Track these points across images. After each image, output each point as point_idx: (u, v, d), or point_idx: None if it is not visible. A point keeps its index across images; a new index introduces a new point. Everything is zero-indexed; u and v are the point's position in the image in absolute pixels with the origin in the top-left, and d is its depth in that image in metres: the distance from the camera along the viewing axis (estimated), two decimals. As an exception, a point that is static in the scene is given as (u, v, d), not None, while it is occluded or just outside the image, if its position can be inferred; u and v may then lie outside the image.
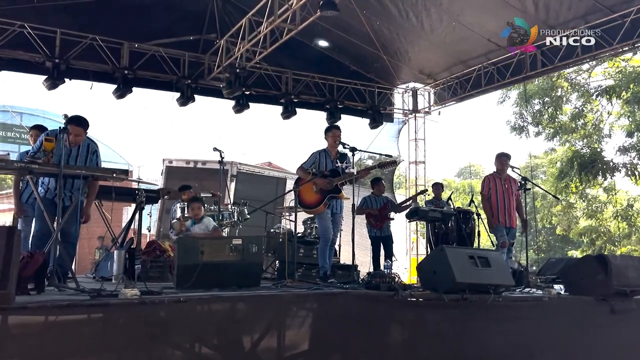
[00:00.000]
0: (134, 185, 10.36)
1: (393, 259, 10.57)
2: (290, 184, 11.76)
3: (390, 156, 5.87)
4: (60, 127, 4.64)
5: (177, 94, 10.00)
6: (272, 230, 8.15)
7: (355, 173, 5.72)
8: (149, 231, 7.91)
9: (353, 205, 5.71)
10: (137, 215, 6.40)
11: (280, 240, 7.57)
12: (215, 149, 6.75)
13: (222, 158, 6.82)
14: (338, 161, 5.91)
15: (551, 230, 26.18)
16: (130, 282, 3.83)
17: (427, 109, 12.50)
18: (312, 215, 7.02)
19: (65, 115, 4.73)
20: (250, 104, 10.47)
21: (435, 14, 9.49)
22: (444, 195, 8.93)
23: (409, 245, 13.15)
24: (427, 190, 8.89)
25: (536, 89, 17.25)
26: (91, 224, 8.17)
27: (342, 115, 11.47)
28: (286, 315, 4.20)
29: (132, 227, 6.85)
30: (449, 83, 11.70)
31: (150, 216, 7.52)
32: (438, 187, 9.05)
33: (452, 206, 8.17)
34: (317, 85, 11.29)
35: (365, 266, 8.31)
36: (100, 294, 3.79)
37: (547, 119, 17.73)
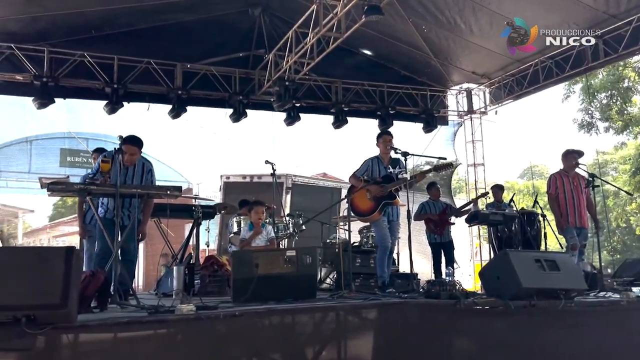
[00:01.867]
0: (192, 202, 10.60)
1: (455, 265, 10.28)
2: (345, 194, 11.68)
3: (445, 158, 5.67)
4: (115, 148, 4.76)
5: (230, 111, 10.15)
6: (328, 240, 8.07)
7: (408, 178, 5.56)
8: (208, 246, 8.02)
9: (408, 211, 5.55)
10: (194, 231, 6.58)
11: (337, 250, 7.47)
12: (267, 162, 6.77)
13: (274, 170, 6.84)
14: (391, 167, 5.78)
15: (627, 230, 24.71)
16: (187, 298, 3.83)
17: (482, 109, 12.11)
18: (368, 224, 6.91)
19: (120, 137, 4.86)
20: (302, 115, 10.51)
21: (483, 17, 9.19)
22: (506, 197, 8.55)
23: (472, 251, 12.72)
24: (487, 193, 8.56)
25: (602, 82, 16.41)
26: (155, 241, 8.40)
27: (395, 122, 11.28)
28: (344, 327, 4.08)
29: (191, 243, 6.99)
30: (505, 81, 11.30)
31: (209, 231, 7.62)
32: (498, 189, 8.70)
33: (514, 208, 7.83)
34: (367, 93, 11.18)
35: (426, 274, 8.08)
36: (158, 310, 3.82)
37: (615, 112, 16.79)
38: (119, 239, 4.65)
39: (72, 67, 9.07)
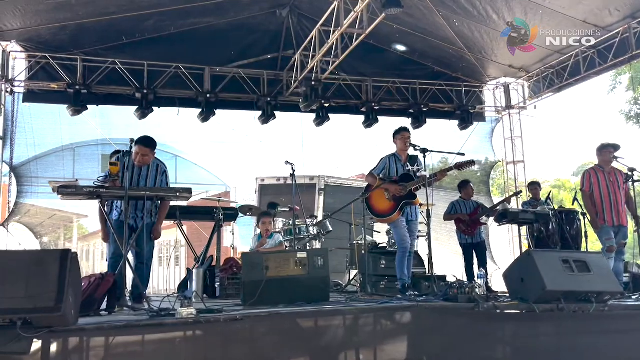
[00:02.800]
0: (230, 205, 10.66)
1: (494, 266, 9.90)
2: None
3: (463, 154, 5.40)
4: (124, 151, 4.76)
5: (259, 113, 10.13)
6: (354, 242, 7.89)
7: (427, 176, 5.32)
8: (233, 249, 8.00)
9: (428, 210, 5.31)
10: (216, 233, 6.55)
11: (363, 252, 7.29)
12: (287, 163, 6.67)
13: (294, 171, 6.73)
14: (409, 164, 5.55)
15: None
16: (187, 301, 3.76)
17: (521, 104, 11.61)
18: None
19: (132, 140, 4.86)
20: (331, 115, 10.37)
21: (517, 6, 8.78)
22: (544, 195, 8.13)
23: (513, 251, 12.22)
24: (521, 191, 8.16)
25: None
26: (200, 244, 8.45)
27: (428, 119, 10.97)
28: (351, 332, 3.92)
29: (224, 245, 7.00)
30: (544, 74, 10.79)
31: (233, 234, 7.59)
32: (535, 186, 8.28)
33: (551, 206, 7.42)
34: (399, 90, 10.92)
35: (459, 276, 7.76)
36: (159, 313, 3.77)
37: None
38: (130, 241, 4.63)
39: (104, 74, 9.25)
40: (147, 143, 5.11)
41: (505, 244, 11.75)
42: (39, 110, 9.30)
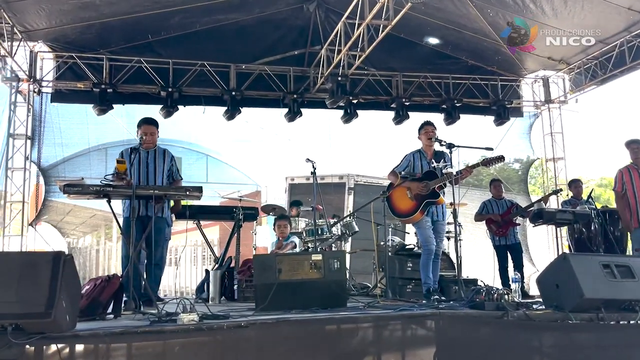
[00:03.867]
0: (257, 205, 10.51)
1: (533, 269, 9.37)
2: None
3: (492, 149, 5.00)
4: (130, 148, 4.60)
5: (286, 111, 9.92)
6: (382, 243, 7.55)
7: (454, 173, 4.96)
8: (255, 249, 7.78)
9: (454, 210, 4.95)
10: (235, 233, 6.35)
11: (390, 254, 6.96)
12: (307, 160, 6.41)
13: (315, 169, 6.46)
14: (434, 161, 5.20)
15: None
16: (188, 306, 3.54)
17: (562, 98, 11.00)
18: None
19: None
20: (360, 112, 10.06)
21: (555, -7, 8.30)
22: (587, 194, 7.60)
23: (555, 253, 11.61)
24: (560, 190, 7.66)
25: None
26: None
27: (462, 115, 10.52)
28: (365, 342, 3.62)
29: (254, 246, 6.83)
30: (586, 66, 10.17)
31: (255, 234, 7.38)
32: (576, 184, 7.77)
33: (593, 205, 6.92)
34: (430, 85, 10.51)
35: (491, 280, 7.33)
36: (161, 319, 3.57)
37: None
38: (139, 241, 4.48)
39: (130, 73, 9.21)
40: (151, 121, 5.17)
41: (546, 245, 11.17)
42: (66, 110, 9.33)
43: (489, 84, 10.76)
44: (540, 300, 4.49)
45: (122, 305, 4.21)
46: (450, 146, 4.94)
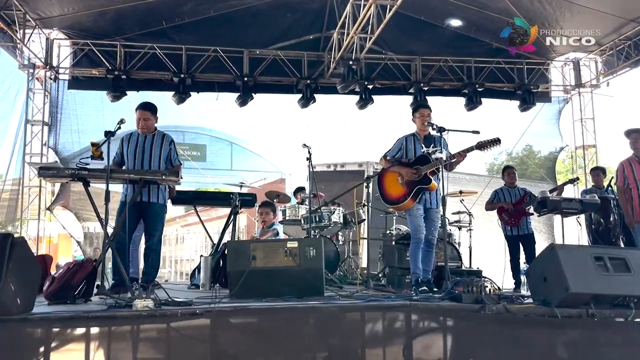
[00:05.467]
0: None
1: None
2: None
3: (478, 132, 4.65)
4: (131, 133, 4.56)
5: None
6: (388, 232, 7.33)
7: (444, 158, 4.68)
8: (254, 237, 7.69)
9: (443, 197, 4.67)
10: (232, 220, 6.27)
11: (394, 243, 6.75)
12: (304, 146, 6.23)
13: (310, 155, 6.28)
14: (424, 145, 4.92)
15: None
16: (144, 292, 3.46)
17: (593, 82, 10.39)
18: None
19: (122, 120, 4.62)
20: (376, 97, 9.78)
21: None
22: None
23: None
24: (578, 178, 7.22)
25: None
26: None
27: (484, 100, 10.09)
28: (325, 333, 3.44)
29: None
30: (619, 47, 9.55)
31: (257, 222, 7.28)
32: (597, 172, 7.30)
33: (613, 195, 6.48)
34: (451, 69, 10.11)
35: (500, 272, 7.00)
36: (117, 304, 3.50)
37: None
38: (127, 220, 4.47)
39: (144, 60, 9.23)
40: (145, 106, 5.07)
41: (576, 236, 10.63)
42: (82, 97, 9.46)
43: (515, 68, 10.28)
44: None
45: (95, 289, 4.17)
46: (440, 130, 4.66)
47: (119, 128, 4.57)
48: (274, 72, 9.69)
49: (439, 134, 4.73)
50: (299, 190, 8.34)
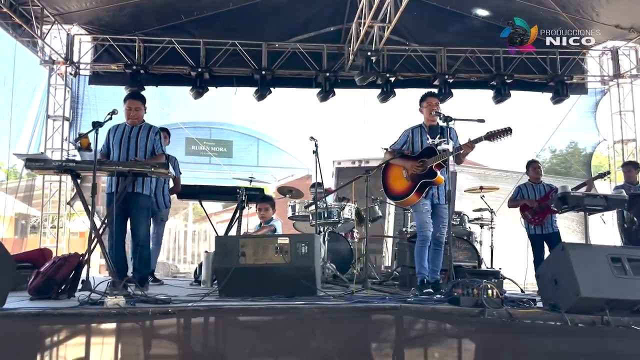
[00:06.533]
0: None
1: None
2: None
3: (483, 120, 4.27)
4: (93, 122, 4.41)
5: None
6: (403, 229, 7.00)
7: (450, 150, 4.34)
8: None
9: (448, 192, 4.34)
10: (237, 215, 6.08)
11: (406, 241, 6.42)
12: (311, 138, 5.98)
13: (317, 147, 6.01)
14: (429, 136, 4.59)
15: None
16: (116, 289, 3.29)
17: (633, 72, 9.73)
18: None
19: (114, 111, 4.50)
20: (398, 90, 9.44)
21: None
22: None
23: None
24: (608, 172, 6.71)
25: None
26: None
27: (513, 92, 9.60)
28: (306, 336, 3.19)
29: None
30: (661, 34, 8.90)
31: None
32: (629, 167, 6.77)
33: (646, 191, 5.98)
34: (479, 60, 9.66)
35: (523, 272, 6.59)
36: (88, 301, 3.35)
37: None
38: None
39: (163, 54, 9.18)
40: (135, 95, 5.11)
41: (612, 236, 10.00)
42: (102, 92, 9.47)
43: (547, 58, 9.73)
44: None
45: (80, 284, 4.05)
46: (446, 119, 4.32)
47: (110, 119, 4.45)
48: (293, 65, 9.48)
49: (445, 124, 4.39)
50: (314, 186, 8.09)
